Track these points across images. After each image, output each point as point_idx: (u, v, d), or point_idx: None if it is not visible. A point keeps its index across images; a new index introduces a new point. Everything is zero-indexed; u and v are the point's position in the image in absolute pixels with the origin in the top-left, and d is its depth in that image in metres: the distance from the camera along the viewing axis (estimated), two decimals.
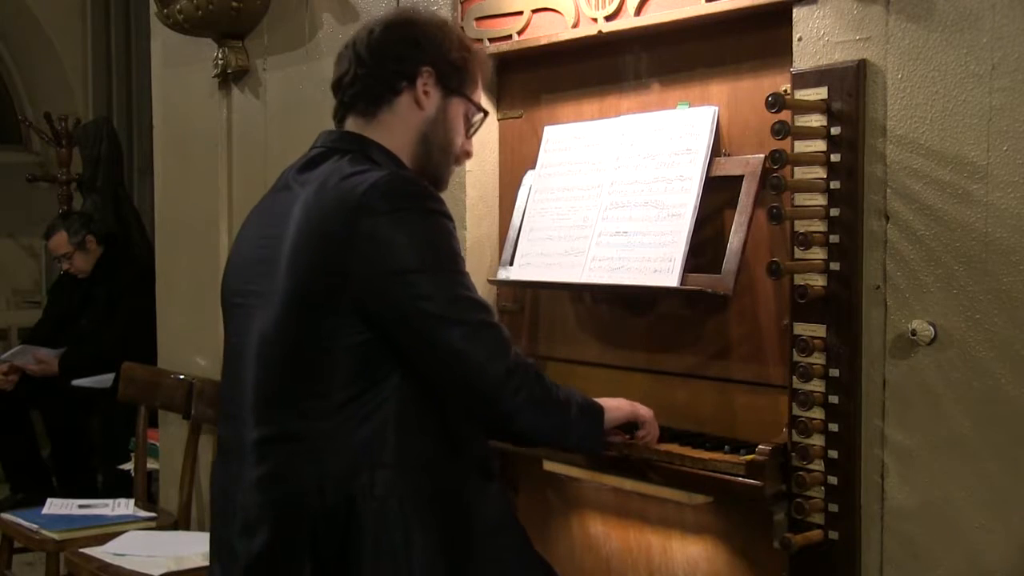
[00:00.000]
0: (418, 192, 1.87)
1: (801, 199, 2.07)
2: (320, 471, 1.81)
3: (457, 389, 1.86)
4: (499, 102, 2.85)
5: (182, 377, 3.71)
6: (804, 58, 2.09)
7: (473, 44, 2.12)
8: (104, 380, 4.76)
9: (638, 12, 2.40)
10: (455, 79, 2.03)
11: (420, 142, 2.01)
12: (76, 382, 4.85)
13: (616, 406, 2.11)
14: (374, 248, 1.80)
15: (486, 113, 2.14)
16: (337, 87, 2.04)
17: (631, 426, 2.17)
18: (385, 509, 1.81)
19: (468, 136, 2.10)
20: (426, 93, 2.00)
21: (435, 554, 1.83)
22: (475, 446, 1.95)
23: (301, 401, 1.84)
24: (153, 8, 3.72)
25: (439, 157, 2.04)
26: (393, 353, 1.83)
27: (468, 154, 2.11)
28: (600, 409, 2.03)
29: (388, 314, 1.81)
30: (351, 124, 2.02)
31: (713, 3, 2.25)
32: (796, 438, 2.07)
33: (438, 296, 1.81)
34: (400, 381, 1.84)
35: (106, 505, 3.66)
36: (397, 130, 2.00)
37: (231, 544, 1.89)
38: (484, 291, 2.78)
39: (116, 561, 3.07)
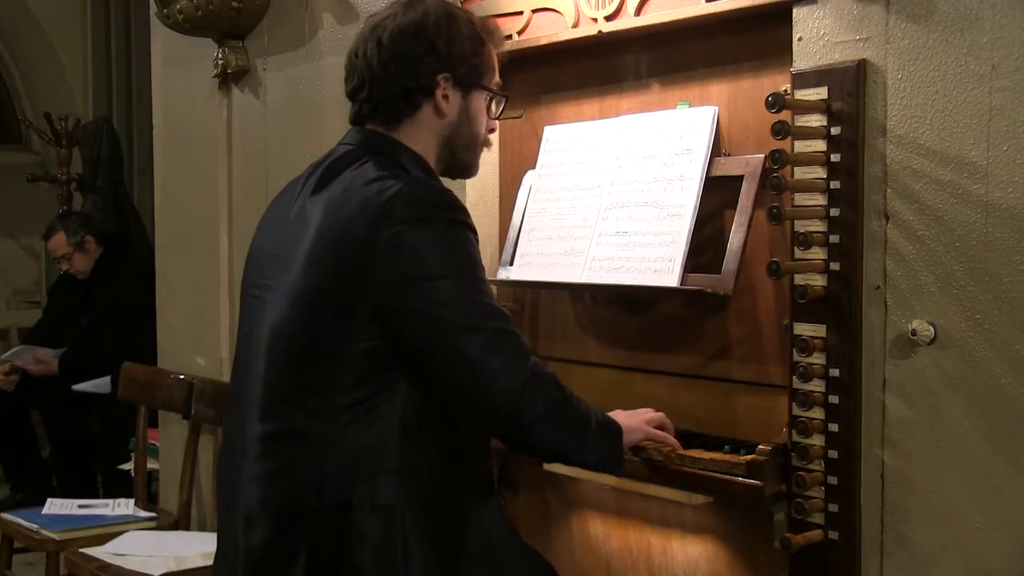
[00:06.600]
0: (442, 203, 1.84)
1: (801, 199, 2.07)
2: (320, 471, 1.80)
3: (473, 399, 1.82)
4: None
5: (182, 377, 3.71)
6: (804, 58, 2.09)
7: (485, 25, 2.03)
8: (103, 385, 4.76)
9: (638, 12, 2.40)
10: (472, 76, 1.98)
11: (444, 145, 1.99)
12: (76, 387, 4.85)
13: (634, 427, 2.08)
14: (395, 256, 1.77)
15: (507, 95, 2.10)
16: (353, 98, 2.00)
17: None
18: (387, 519, 1.79)
19: (493, 118, 2.06)
20: (446, 98, 1.96)
21: (432, 568, 1.81)
22: (478, 462, 1.93)
23: (307, 399, 1.82)
24: (153, 8, 3.72)
25: (465, 154, 2.02)
26: (403, 360, 1.80)
27: (493, 131, 2.08)
28: (619, 429, 1.97)
29: (407, 321, 1.78)
30: (373, 128, 1.98)
31: (713, 3, 2.25)
32: (796, 438, 2.07)
33: (457, 303, 1.78)
34: (408, 389, 1.81)
35: (106, 505, 3.66)
36: (419, 137, 1.97)
37: (235, 537, 1.89)
38: None
39: (116, 561, 3.07)
